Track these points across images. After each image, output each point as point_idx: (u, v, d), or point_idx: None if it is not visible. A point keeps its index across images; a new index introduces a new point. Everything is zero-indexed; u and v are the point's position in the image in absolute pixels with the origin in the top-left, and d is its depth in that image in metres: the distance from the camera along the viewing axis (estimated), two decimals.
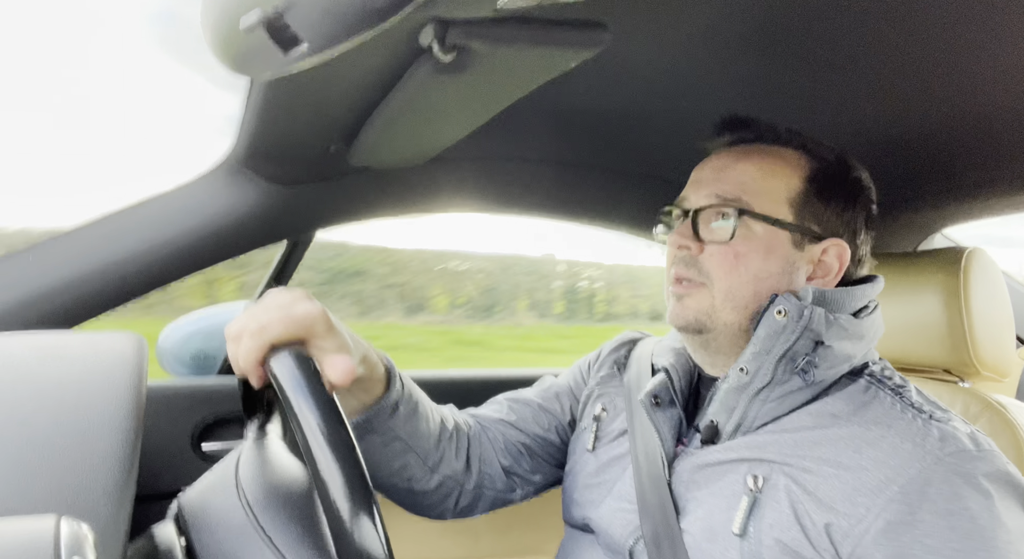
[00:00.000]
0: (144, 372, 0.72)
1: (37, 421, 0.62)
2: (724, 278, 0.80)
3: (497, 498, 0.99)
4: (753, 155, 0.84)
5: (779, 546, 0.70)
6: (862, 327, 0.80)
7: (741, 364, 0.78)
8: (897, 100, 0.93)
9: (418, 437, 0.89)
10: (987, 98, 0.90)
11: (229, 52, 0.65)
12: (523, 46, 0.68)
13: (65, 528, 0.45)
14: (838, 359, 0.78)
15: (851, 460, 0.70)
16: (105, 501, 0.58)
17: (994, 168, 1.14)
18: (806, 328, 0.76)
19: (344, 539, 0.52)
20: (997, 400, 1.05)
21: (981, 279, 1.08)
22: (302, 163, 1.13)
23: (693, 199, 0.84)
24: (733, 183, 0.82)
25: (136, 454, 0.63)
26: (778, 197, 0.82)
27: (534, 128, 1.17)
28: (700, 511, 0.77)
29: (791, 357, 0.77)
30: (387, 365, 0.87)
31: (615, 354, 1.03)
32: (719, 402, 0.80)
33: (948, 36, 0.75)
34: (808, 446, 0.74)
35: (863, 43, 0.78)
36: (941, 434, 0.70)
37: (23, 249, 1.07)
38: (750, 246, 0.80)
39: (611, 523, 0.86)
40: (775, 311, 0.77)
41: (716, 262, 0.81)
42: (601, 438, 0.94)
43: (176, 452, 1.23)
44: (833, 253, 0.82)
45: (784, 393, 0.77)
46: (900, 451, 0.69)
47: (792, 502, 0.71)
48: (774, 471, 0.74)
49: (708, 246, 0.81)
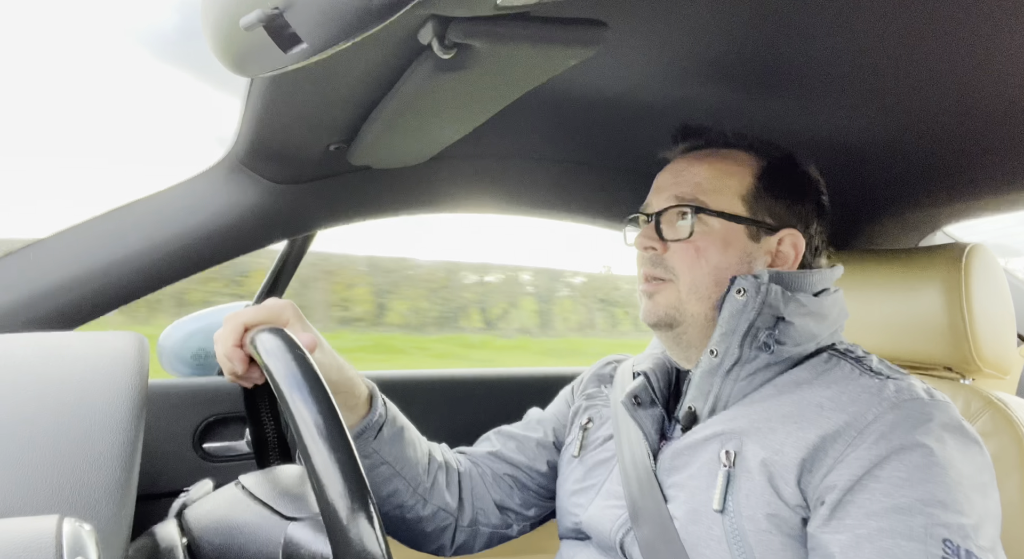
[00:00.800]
0: (145, 372, 0.72)
1: (39, 421, 0.62)
2: (687, 271, 0.86)
3: (494, 534, 1.02)
4: (706, 158, 0.91)
5: (759, 516, 0.73)
6: (823, 306, 0.84)
7: (711, 347, 0.83)
8: (898, 98, 0.93)
9: (405, 462, 0.92)
10: (987, 95, 0.90)
11: (229, 51, 0.65)
12: (523, 44, 0.68)
13: (67, 528, 0.45)
14: (802, 336, 0.82)
15: (814, 415, 0.75)
16: (107, 500, 0.58)
17: (995, 165, 1.14)
18: (764, 302, 0.81)
19: (337, 518, 0.53)
20: (998, 397, 1.05)
21: (982, 276, 1.08)
22: (302, 162, 1.13)
23: (655, 203, 0.91)
24: (689, 184, 0.88)
25: (137, 454, 0.63)
26: (731, 194, 0.88)
27: (534, 126, 1.17)
28: (683, 495, 0.80)
29: (754, 333, 0.81)
30: (370, 388, 0.91)
31: (600, 374, 1.08)
32: (695, 387, 0.84)
33: (948, 35, 0.75)
34: (773, 410, 0.79)
35: (864, 41, 0.78)
36: (897, 387, 0.76)
37: (22, 249, 1.07)
38: (708, 240, 0.86)
39: (600, 521, 0.87)
40: (735, 291, 0.82)
41: (679, 258, 0.87)
42: (587, 445, 0.98)
43: (177, 451, 1.23)
44: (788, 243, 0.88)
45: (753, 370, 0.82)
46: (858, 401, 0.75)
47: (765, 466, 0.75)
48: (745, 442, 0.78)
49: (671, 244, 0.87)
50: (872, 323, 1.17)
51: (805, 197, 0.90)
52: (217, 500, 0.68)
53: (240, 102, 0.96)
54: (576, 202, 1.42)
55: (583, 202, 1.43)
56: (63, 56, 3.30)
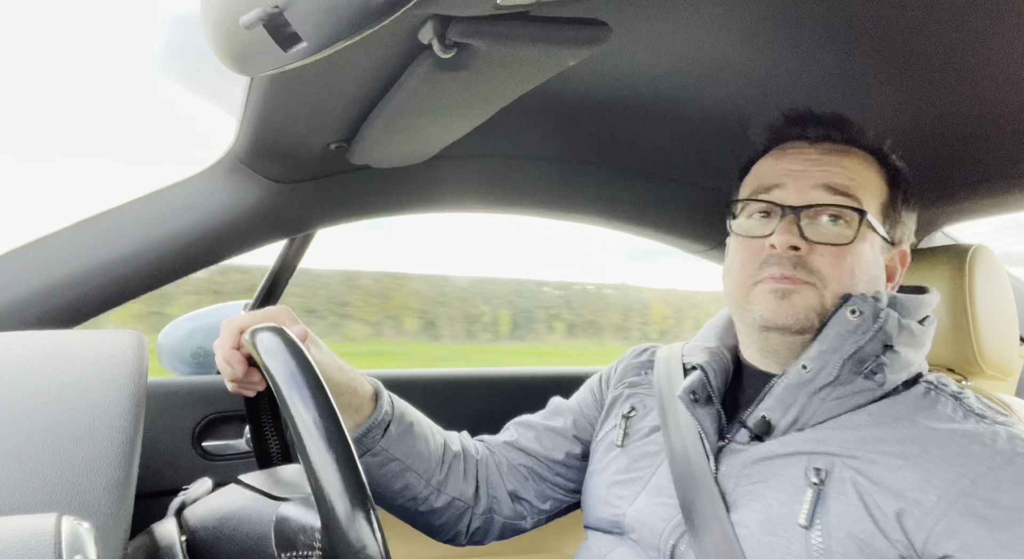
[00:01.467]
0: (144, 370, 0.72)
1: (38, 419, 0.62)
2: (838, 280, 0.78)
3: (507, 525, 0.99)
4: (850, 156, 0.82)
5: (850, 538, 0.68)
6: (925, 335, 0.80)
7: (804, 361, 0.77)
8: (897, 97, 0.93)
9: (416, 457, 0.91)
10: (988, 95, 0.89)
11: (229, 49, 0.65)
12: (523, 43, 0.68)
13: (66, 526, 0.45)
14: (902, 365, 0.77)
15: (918, 454, 0.70)
16: (106, 499, 0.58)
17: (995, 166, 1.14)
18: (880, 330, 0.76)
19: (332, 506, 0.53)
20: (1001, 399, 1.04)
21: (986, 277, 1.08)
22: (302, 161, 1.13)
23: (795, 194, 0.80)
24: (844, 179, 0.79)
25: (137, 452, 0.63)
26: (874, 200, 0.82)
27: (535, 125, 1.17)
28: (756, 504, 0.75)
29: (859, 359, 0.76)
30: (375, 387, 0.91)
31: (637, 361, 1.03)
32: (775, 398, 0.78)
33: (949, 33, 0.75)
34: (871, 442, 0.73)
35: (861, 43, 0.78)
36: (1009, 435, 0.70)
37: (21, 247, 1.07)
38: (861, 249, 0.79)
39: (649, 518, 0.83)
40: (848, 310, 0.76)
41: (830, 263, 0.78)
42: (631, 434, 0.92)
43: (177, 450, 1.23)
44: (898, 259, 0.85)
45: (845, 394, 0.76)
46: (969, 450, 0.69)
47: (860, 493, 0.69)
48: (836, 464, 0.72)
49: (818, 247, 0.78)
50: None
51: (913, 214, 0.87)
52: (215, 499, 0.69)
53: (240, 101, 0.96)
54: (577, 201, 1.42)
55: (584, 201, 1.43)
56: (63, 55, 3.31)
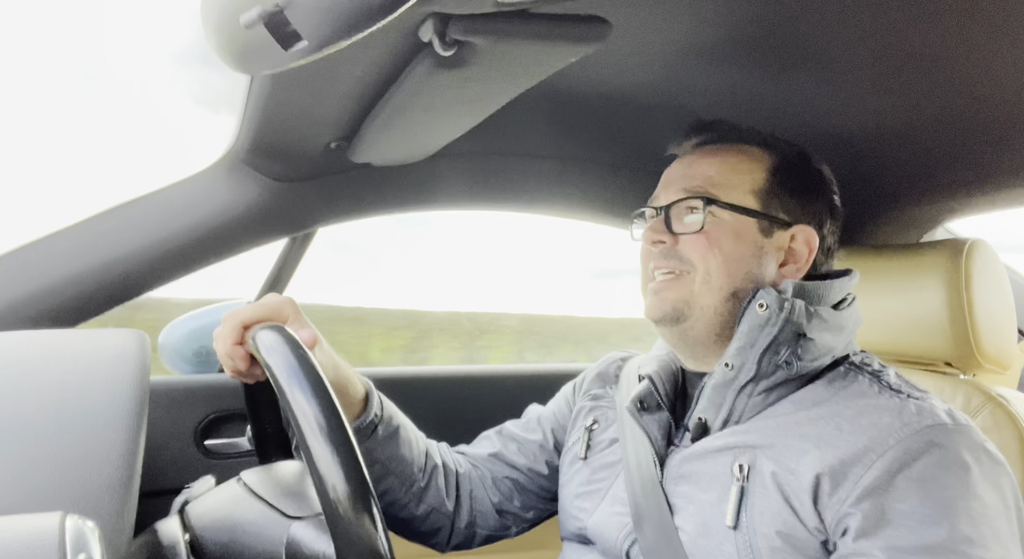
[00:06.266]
0: (147, 369, 0.72)
1: (41, 419, 0.62)
2: (701, 261, 0.84)
3: (492, 536, 1.01)
4: (718, 153, 0.89)
5: (775, 533, 0.72)
6: (842, 319, 0.83)
7: (726, 359, 0.80)
8: (899, 94, 0.93)
9: (399, 461, 0.92)
10: (989, 92, 0.89)
11: (230, 49, 0.65)
12: (523, 41, 0.68)
13: (70, 525, 0.46)
14: (820, 351, 0.80)
15: (832, 436, 0.73)
16: (109, 497, 0.59)
17: (997, 161, 1.14)
18: (787, 320, 0.79)
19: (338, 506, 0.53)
20: (999, 393, 1.04)
21: (983, 271, 1.08)
22: (303, 159, 1.13)
23: (664, 197, 0.89)
24: (700, 178, 0.87)
25: (140, 451, 0.63)
26: (743, 189, 0.86)
27: (535, 124, 1.17)
28: (692, 507, 0.79)
29: (774, 350, 0.79)
30: (366, 387, 0.91)
31: (604, 373, 1.05)
32: (706, 399, 0.82)
33: (949, 31, 0.75)
34: (790, 427, 0.76)
35: (864, 40, 0.78)
36: (918, 408, 0.73)
37: (23, 246, 1.07)
38: (720, 231, 0.84)
39: (606, 527, 0.86)
40: (756, 305, 0.80)
41: (691, 248, 0.85)
42: (593, 447, 0.96)
43: (179, 448, 1.23)
44: (801, 239, 0.86)
45: (769, 386, 0.80)
46: (879, 424, 0.72)
47: (779, 484, 0.73)
48: (758, 456, 0.76)
49: (682, 237, 0.86)
50: (873, 319, 1.17)
51: (818, 195, 0.89)
52: (219, 497, 0.69)
53: (240, 100, 0.96)
54: (577, 199, 1.42)
55: (584, 199, 1.43)
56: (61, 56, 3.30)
